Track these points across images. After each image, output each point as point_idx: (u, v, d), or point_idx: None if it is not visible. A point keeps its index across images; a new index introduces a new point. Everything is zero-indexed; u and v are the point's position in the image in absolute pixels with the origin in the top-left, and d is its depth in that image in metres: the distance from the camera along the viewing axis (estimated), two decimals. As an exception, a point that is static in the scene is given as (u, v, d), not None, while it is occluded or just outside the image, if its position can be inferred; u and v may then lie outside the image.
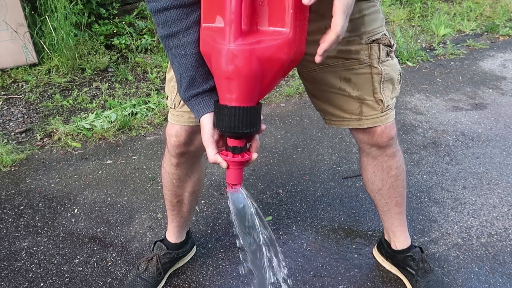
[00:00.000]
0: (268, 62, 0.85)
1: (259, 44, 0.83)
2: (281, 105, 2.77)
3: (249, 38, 0.83)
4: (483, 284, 1.53)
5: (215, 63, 0.88)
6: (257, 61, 0.84)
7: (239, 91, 0.87)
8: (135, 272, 1.51)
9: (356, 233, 1.76)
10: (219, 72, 0.87)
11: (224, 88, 0.89)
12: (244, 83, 0.86)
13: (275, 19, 0.84)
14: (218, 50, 0.85)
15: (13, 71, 2.96)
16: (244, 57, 0.83)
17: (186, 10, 0.93)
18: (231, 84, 0.87)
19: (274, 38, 0.84)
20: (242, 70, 0.84)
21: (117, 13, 3.40)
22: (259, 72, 0.85)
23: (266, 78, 0.88)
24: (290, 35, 0.83)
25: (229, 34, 0.82)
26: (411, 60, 3.39)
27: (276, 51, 0.84)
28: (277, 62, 0.86)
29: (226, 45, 0.83)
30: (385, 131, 1.25)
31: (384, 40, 1.16)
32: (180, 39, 0.95)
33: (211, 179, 2.07)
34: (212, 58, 0.89)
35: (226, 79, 0.86)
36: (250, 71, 0.84)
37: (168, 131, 1.27)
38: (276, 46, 0.83)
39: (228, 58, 0.83)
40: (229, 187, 0.97)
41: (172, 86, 1.22)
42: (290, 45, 0.84)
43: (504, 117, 2.62)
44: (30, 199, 1.95)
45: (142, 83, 2.97)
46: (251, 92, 0.88)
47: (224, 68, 0.85)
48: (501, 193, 1.98)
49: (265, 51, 0.83)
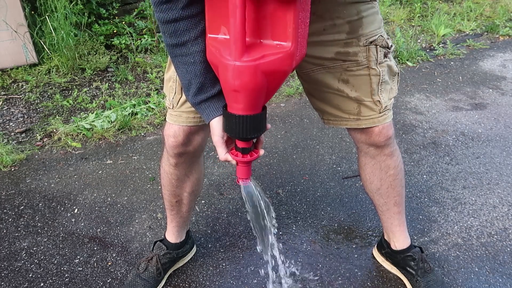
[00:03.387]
0: (272, 74, 0.89)
1: (263, 59, 0.87)
2: (281, 105, 2.77)
3: (253, 54, 0.86)
4: (483, 284, 1.53)
5: (222, 76, 0.92)
6: (262, 74, 0.88)
7: (245, 101, 0.92)
8: (135, 272, 1.51)
9: (356, 233, 1.76)
10: (226, 85, 0.92)
11: (231, 99, 0.94)
12: (250, 94, 0.91)
13: (277, 33, 0.87)
14: (224, 65, 0.89)
15: (13, 71, 2.97)
16: (250, 73, 0.87)
17: (194, 20, 0.95)
18: (238, 96, 0.91)
19: (277, 52, 0.87)
20: (248, 85, 0.88)
21: (117, 13, 3.40)
22: (264, 84, 0.90)
23: (270, 87, 0.92)
24: (292, 48, 0.87)
25: (234, 51, 0.85)
26: (411, 60, 3.39)
27: (279, 65, 0.88)
28: (281, 73, 0.90)
29: (232, 61, 0.86)
30: (383, 131, 1.25)
31: (381, 42, 1.16)
32: (188, 48, 0.97)
33: (211, 179, 2.07)
34: (219, 71, 0.93)
35: (233, 91, 0.91)
36: (256, 85, 0.89)
37: (166, 131, 1.27)
38: (279, 60, 0.87)
39: (234, 74, 0.87)
40: (240, 180, 1.09)
41: (170, 86, 1.22)
42: (292, 57, 0.88)
43: (504, 117, 2.62)
44: (30, 199, 1.95)
45: (142, 83, 2.97)
46: (257, 102, 0.93)
47: (231, 82, 0.89)
48: (501, 193, 1.98)
49: (269, 65, 0.87)
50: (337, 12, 1.10)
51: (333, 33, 1.12)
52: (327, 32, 1.12)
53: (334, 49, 1.14)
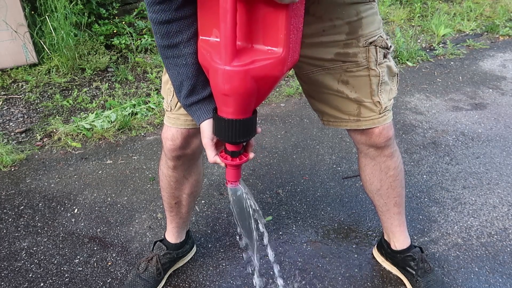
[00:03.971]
0: (263, 79, 0.88)
1: (253, 64, 0.85)
2: (281, 105, 2.77)
3: (243, 58, 0.85)
4: (483, 284, 1.53)
5: (212, 79, 0.91)
6: (252, 80, 0.87)
7: (235, 105, 0.91)
8: (135, 272, 1.51)
9: (356, 233, 1.76)
10: (216, 88, 0.91)
11: (221, 102, 0.93)
12: (240, 99, 0.89)
13: (269, 38, 0.86)
14: (214, 69, 0.88)
15: (13, 71, 2.96)
16: (240, 78, 0.86)
17: (187, 21, 0.94)
18: (227, 100, 0.90)
19: (267, 58, 0.86)
20: (238, 89, 0.87)
21: (117, 13, 3.40)
22: (254, 89, 0.89)
23: (261, 92, 0.91)
24: (283, 54, 0.86)
25: (225, 55, 0.84)
26: (411, 60, 3.39)
27: (270, 70, 0.87)
28: (272, 79, 0.89)
29: (222, 65, 0.85)
30: (383, 132, 1.25)
31: (381, 42, 1.16)
32: (181, 49, 0.96)
33: (211, 179, 2.07)
34: (210, 74, 0.92)
35: (223, 95, 0.90)
36: (246, 90, 0.88)
37: (164, 134, 1.27)
38: (270, 65, 0.86)
39: (224, 78, 0.86)
40: (229, 183, 1.07)
41: (168, 88, 1.22)
42: (283, 63, 0.87)
43: (504, 117, 2.62)
44: (30, 199, 1.95)
45: (142, 83, 2.97)
46: (247, 106, 0.92)
47: (220, 86, 0.88)
48: (501, 193, 1.98)
49: (259, 70, 0.86)
50: (337, 13, 1.10)
51: (332, 34, 1.12)
52: (327, 33, 1.12)
53: (334, 50, 1.14)
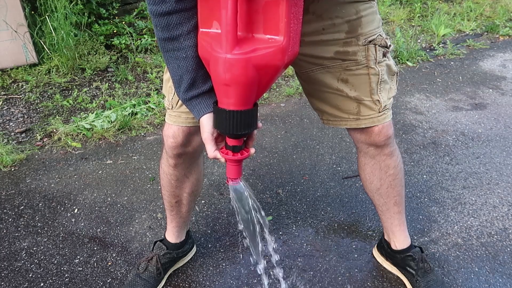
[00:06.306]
0: (264, 69, 0.88)
1: (254, 52, 0.85)
2: (281, 105, 2.77)
3: (245, 47, 0.85)
4: (483, 284, 1.53)
5: (213, 70, 0.90)
6: (253, 68, 0.86)
7: (236, 96, 0.90)
8: (135, 272, 1.51)
9: (356, 233, 1.76)
10: (217, 79, 0.90)
11: (222, 93, 0.92)
12: (241, 89, 0.89)
13: (269, 27, 0.86)
14: (215, 58, 0.87)
15: (13, 71, 2.97)
16: (241, 66, 0.85)
17: (187, 14, 0.93)
18: (228, 90, 0.89)
19: (268, 46, 0.86)
20: (239, 78, 0.87)
21: (117, 13, 3.40)
22: (255, 79, 0.88)
23: (262, 83, 0.91)
24: (284, 43, 0.86)
25: (226, 43, 0.84)
26: (411, 60, 3.39)
27: (271, 59, 0.87)
28: (273, 68, 0.89)
29: (223, 54, 0.85)
30: (383, 130, 1.25)
31: (380, 41, 1.16)
32: (181, 42, 0.95)
33: (211, 179, 2.07)
34: (210, 65, 0.91)
35: (224, 85, 0.89)
36: (247, 79, 0.87)
37: (165, 132, 1.27)
38: (271, 54, 0.86)
39: (225, 67, 0.86)
40: (230, 180, 1.05)
41: (169, 86, 1.22)
42: (284, 52, 0.87)
43: (504, 117, 2.62)
44: (30, 199, 1.95)
45: (142, 83, 2.97)
46: (248, 97, 0.91)
47: (221, 76, 0.87)
48: (501, 193, 1.98)
49: (260, 59, 0.86)
50: (336, 11, 1.10)
51: (332, 32, 1.12)
52: (326, 31, 1.12)
53: (334, 48, 1.14)
